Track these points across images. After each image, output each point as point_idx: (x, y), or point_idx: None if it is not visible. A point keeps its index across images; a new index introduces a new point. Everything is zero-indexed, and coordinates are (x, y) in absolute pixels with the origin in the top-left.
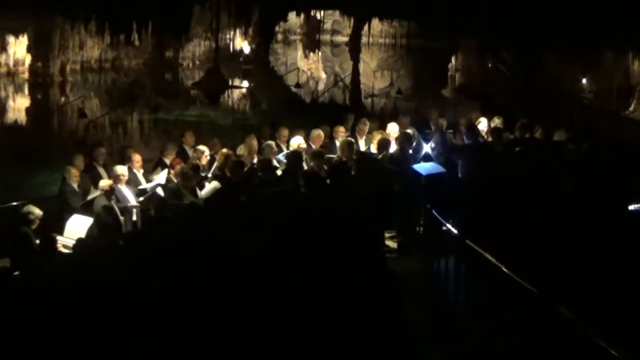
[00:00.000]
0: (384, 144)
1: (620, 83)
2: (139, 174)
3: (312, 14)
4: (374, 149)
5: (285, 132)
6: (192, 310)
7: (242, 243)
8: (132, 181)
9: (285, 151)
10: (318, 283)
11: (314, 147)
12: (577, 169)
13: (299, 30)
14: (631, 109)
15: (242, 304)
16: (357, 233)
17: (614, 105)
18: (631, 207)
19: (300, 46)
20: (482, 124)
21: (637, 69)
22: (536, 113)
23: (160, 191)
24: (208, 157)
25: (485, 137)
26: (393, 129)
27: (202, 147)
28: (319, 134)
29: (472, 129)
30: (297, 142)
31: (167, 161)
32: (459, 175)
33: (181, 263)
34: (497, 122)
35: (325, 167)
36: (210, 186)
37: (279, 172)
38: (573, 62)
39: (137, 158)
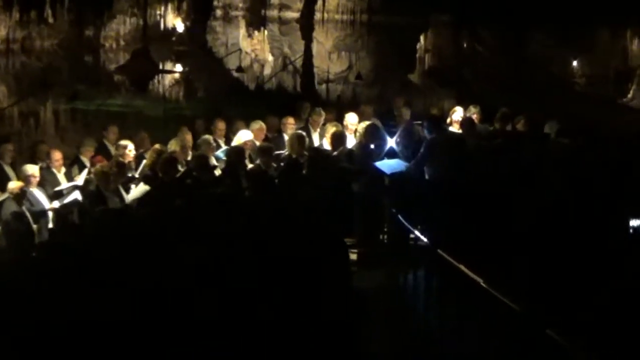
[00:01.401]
0: (338, 138)
1: (618, 66)
2: (60, 174)
3: None
4: (327, 144)
5: (221, 124)
6: (114, 335)
7: (177, 256)
8: (51, 183)
9: (225, 147)
10: (267, 302)
11: (255, 142)
12: (569, 166)
13: (241, 5)
14: (630, 95)
15: (177, 328)
16: (311, 242)
17: (611, 91)
18: (633, 223)
19: (242, 23)
20: (457, 114)
21: (637, 49)
22: (520, 101)
23: (78, 195)
24: (132, 153)
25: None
26: (352, 120)
27: (124, 142)
28: (259, 126)
29: (436, 122)
30: (245, 137)
31: (85, 159)
32: (426, 173)
33: (104, 279)
34: (473, 111)
35: (274, 165)
36: (139, 189)
37: (217, 172)
38: (563, 42)
39: (56, 156)
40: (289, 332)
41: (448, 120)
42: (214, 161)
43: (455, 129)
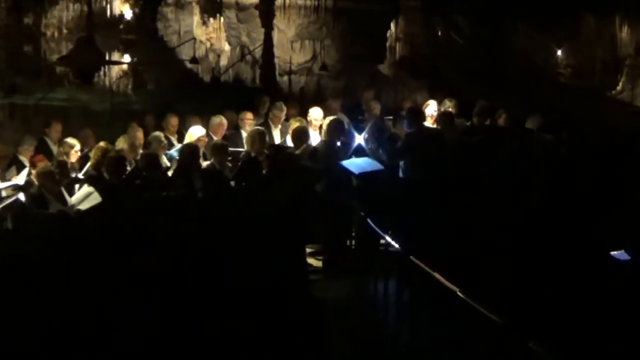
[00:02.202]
0: (300, 135)
1: (605, 56)
2: None
3: None
4: (290, 141)
5: (174, 120)
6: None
7: (125, 263)
8: None
9: (178, 145)
10: (223, 314)
11: (215, 138)
12: (553, 164)
13: None
14: (619, 88)
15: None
16: (271, 249)
17: (598, 83)
18: (614, 254)
19: (196, 10)
20: (431, 108)
21: (626, 37)
22: (500, 94)
23: (22, 196)
24: (79, 153)
25: (435, 124)
26: (316, 115)
27: (70, 141)
28: (219, 121)
29: (416, 115)
30: (197, 133)
31: (24, 159)
32: (401, 173)
33: (46, 289)
34: (448, 105)
35: (230, 165)
36: (83, 191)
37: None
38: (546, 30)
39: None
40: (240, 347)
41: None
42: (165, 160)
43: (429, 123)
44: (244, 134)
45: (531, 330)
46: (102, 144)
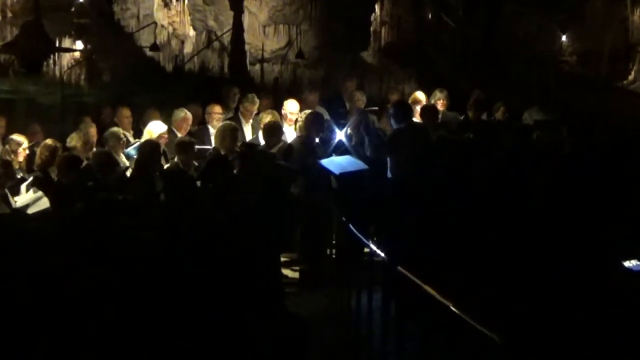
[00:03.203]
0: (273, 131)
1: (615, 42)
2: None
3: None
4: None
5: (126, 112)
6: None
7: (79, 273)
8: None
9: (135, 142)
10: (184, 333)
11: (178, 135)
12: (554, 163)
13: None
14: (631, 77)
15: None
16: (241, 258)
17: (606, 72)
18: (628, 264)
19: None
20: (419, 99)
21: (638, 21)
22: (497, 85)
23: None
24: (27, 151)
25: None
26: (292, 109)
27: (17, 137)
28: (184, 116)
29: (404, 109)
30: (158, 129)
31: None
32: (388, 174)
33: None
34: (439, 96)
35: (196, 164)
36: (30, 194)
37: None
38: (549, 14)
39: None
40: None
41: None
42: (124, 159)
43: (419, 118)
44: (212, 130)
45: (532, 350)
46: (48, 141)
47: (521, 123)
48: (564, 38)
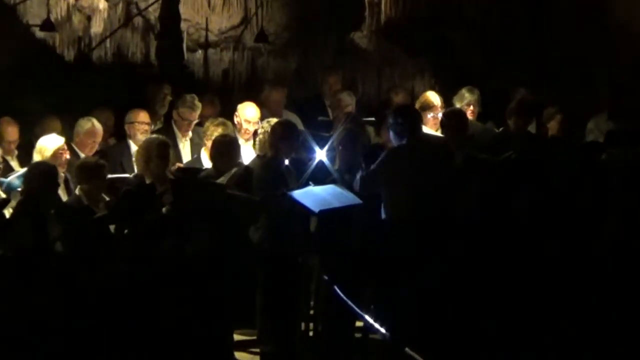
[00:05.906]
0: (223, 148)
1: None
2: None
3: None
4: (207, 158)
5: (10, 129)
6: None
7: None
8: None
9: (20, 169)
10: None
11: (81, 155)
12: (632, 195)
13: None
14: None
15: None
16: (177, 338)
17: None
18: None
19: None
20: (431, 103)
21: None
22: (549, 83)
23: None
24: None
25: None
26: (249, 115)
27: None
28: (90, 127)
29: (409, 115)
30: (52, 145)
31: None
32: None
33: None
34: (468, 99)
35: (107, 199)
36: None
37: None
38: None
39: None
40: None
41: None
42: (0, 193)
43: (431, 129)
44: (133, 147)
45: None
46: None
47: (585, 137)
48: None
